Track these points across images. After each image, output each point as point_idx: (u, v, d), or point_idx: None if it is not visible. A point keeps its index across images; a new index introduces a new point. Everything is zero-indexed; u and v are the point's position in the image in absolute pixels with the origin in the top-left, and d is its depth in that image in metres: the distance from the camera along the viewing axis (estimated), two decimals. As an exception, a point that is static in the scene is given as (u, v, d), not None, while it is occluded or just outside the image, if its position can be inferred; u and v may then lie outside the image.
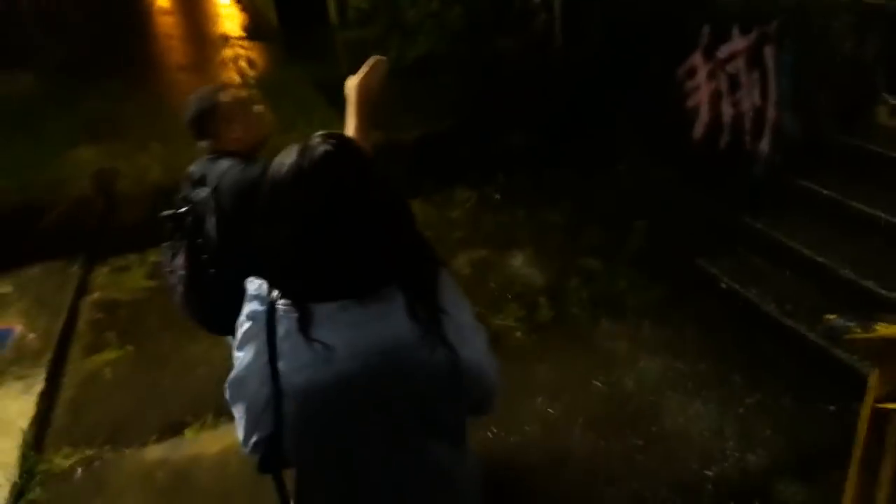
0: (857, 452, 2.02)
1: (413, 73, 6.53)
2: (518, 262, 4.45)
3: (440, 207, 5.27)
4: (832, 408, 2.88)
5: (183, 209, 2.12)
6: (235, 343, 1.29)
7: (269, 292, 1.26)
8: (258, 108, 2.25)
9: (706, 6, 5.16)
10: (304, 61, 9.93)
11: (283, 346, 1.22)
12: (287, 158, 1.23)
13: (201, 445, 3.16)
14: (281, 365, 1.22)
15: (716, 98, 4.92)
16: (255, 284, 1.30)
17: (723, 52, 4.75)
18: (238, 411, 1.29)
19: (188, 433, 3.23)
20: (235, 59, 11.04)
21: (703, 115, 5.07)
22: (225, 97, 2.17)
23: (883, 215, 3.29)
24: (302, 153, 1.22)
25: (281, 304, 1.24)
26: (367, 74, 1.80)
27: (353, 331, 1.22)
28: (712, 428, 2.92)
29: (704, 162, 5.03)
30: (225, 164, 2.08)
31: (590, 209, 4.97)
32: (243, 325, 1.28)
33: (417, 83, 6.41)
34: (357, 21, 6.33)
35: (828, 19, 3.92)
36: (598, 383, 3.26)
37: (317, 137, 1.25)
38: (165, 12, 17.50)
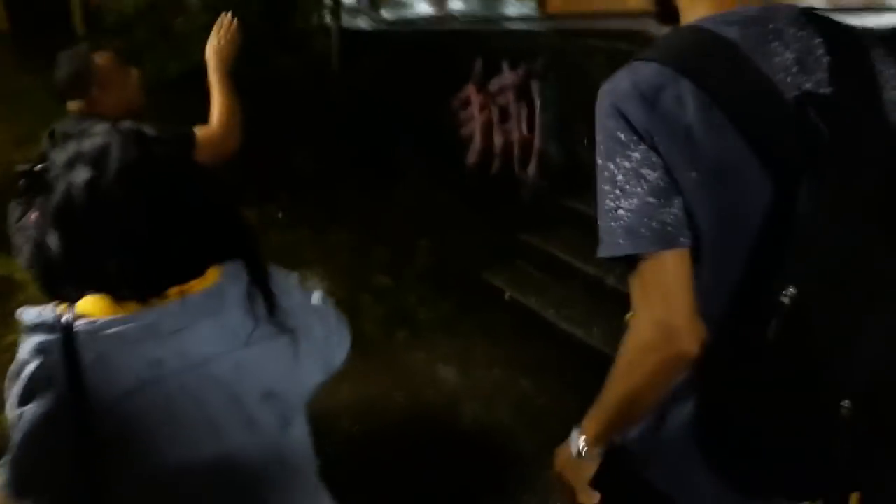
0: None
1: (181, 87, 6.13)
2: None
3: (218, 227, 4.97)
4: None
5: (41, 166, 1.92)
6: (13, 397, 0.95)
7: (59, 316, 0.97)
8: (134, 73, 2.19)
9: (478, 42, 5.56)
10: (41, 69, 8.83)
11: (92, 377, 0.93)
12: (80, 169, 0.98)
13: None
14: (99, 405, 0.93)
15: (487, 127, 5.30)
16: (32, 312, 0.99)
17: (494, 85, 5.14)
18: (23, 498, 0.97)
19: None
20: (-48, 61, 9.49)
21: (477, 143, 5.43)
22: (101, 60, 2.11)
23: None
24: (95, 162, 0.98)
25: (81, 325, 0.95)
26: (220, 37, 2.01)
27: (182, 336, 0.99)
28: (509, 431, 3.07)
29: (478, 185, 5.38)
30: (96, 129, 1.91)
31: (375, 229, 5.04)
32: (28, 367, 0.94)
33: (187, 97, 6.02)
34: (116, 27, 5.79)
35: (585, 59, 4.43)
36: (400, 398, 3.29)
37: (101, 136, 1.02)
38: None
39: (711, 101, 0.88)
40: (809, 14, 0.96)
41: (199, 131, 2.02)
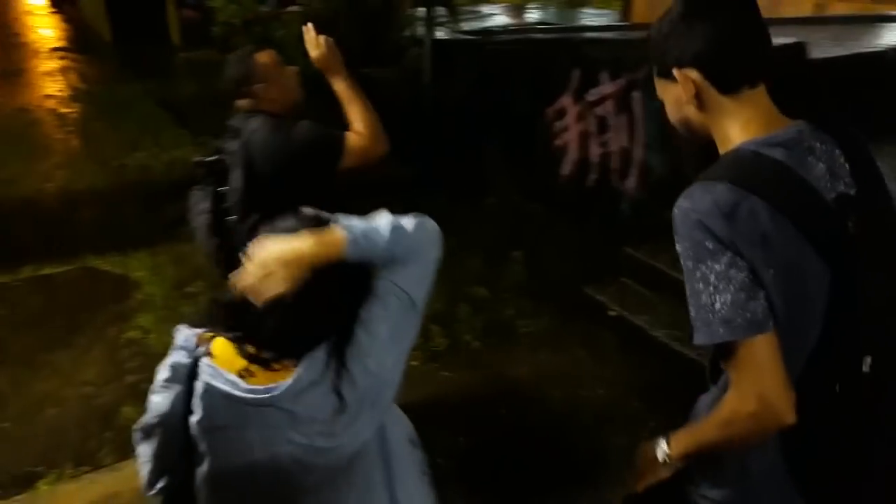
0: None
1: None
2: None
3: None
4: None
5: (213, 157, 2.22)
6: (154, 386, 1.24)
7: (197, 346, 1.22)
8: (292, 70, 2.32)
9: (576, 51, 5.47)
10: (143, 78, 9.26)
11: (199, 402, 1.18)
12: None
13: (61, 500, 2.67)
14: (194, 421, 1.19)
15: (584, 138, 5.19)
16: (183, 335, 1.25)
17: (592, 95, 5.03)
18: (144, 453, 1.27)
19: (42, 486, 2.72)
20: (63, 70, 10.04)
21: (572, 154, 5.32)
22: (263, 58, 2.23)
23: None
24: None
25: (206, 360, 1.20)
26: (316, 46, 2.10)
27: (266, 410, 1.17)
28: (623, 456, 2.95)
29: (573, 197, 5.27)
30: (257, 121, 2.15)
31: (467, 239, 4.98)
32: (163, 373, 1.23)
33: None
34: (220, 37, 6.00)
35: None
36: (504, 412, 3.21)
37: None
38: (-30, 15, 15.63)
39: (777, 212, 1.07)
40: (825, 127, 1.19)
41: (350, 138, 2.03)
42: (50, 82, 9.29)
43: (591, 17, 13.75)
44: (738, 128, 1.18)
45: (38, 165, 5.92)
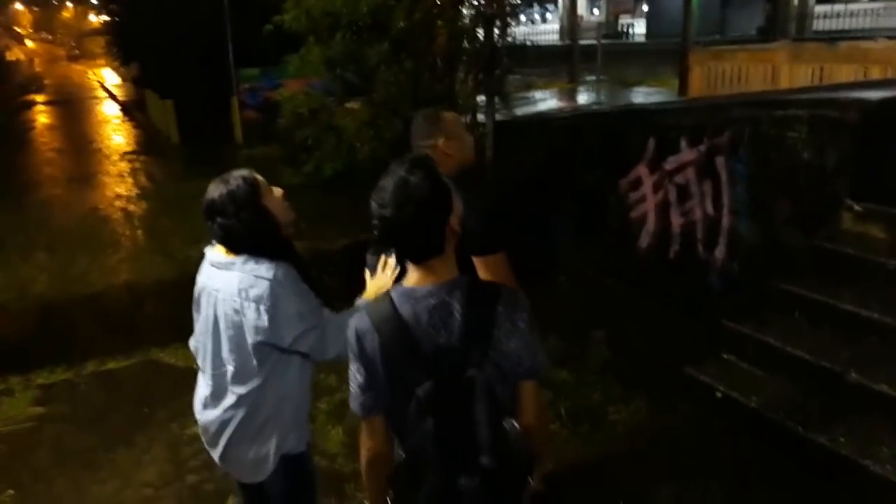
0: None
1: (336, 185, 6.27)
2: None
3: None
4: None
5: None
6: None
7: None
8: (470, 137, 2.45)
9: (650, 120, 5.26)
10: (208, 175, 9.43)
11: None
12: None
13: None
14: None
15: (663, 208, 4.90)
16: None
17: (670, 163, 4.77)
18: None
19: None
20: (133, 171, 10.39)
21: (650, 226, 5.02)
22: (449, 115, 2.41)
23: (877, 316, 3.17)
24: None
25: None
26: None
27: None
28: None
29: (652, 271, 4.94)
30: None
31: (541, 319, 4.65)
32: None
33: (342, 194, 6.14)
34: (294, 125, 6.06)
35: (783, 130, 4.00)
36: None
37: None
38: (49, 126, 16.63)
39: (382, 348, 1.54)
40: (464, 286, 1.52)
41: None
42: (120, 183, 9.57)
43: (647, 96, 13.67)
44: (411, 272, 1.56)
45: (105, 261, 5.94)
